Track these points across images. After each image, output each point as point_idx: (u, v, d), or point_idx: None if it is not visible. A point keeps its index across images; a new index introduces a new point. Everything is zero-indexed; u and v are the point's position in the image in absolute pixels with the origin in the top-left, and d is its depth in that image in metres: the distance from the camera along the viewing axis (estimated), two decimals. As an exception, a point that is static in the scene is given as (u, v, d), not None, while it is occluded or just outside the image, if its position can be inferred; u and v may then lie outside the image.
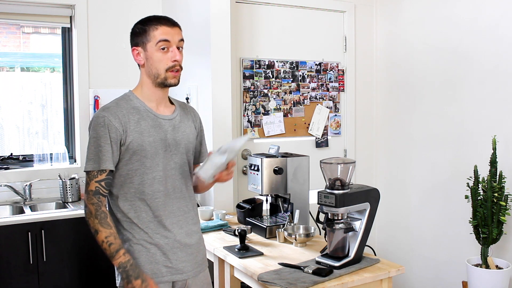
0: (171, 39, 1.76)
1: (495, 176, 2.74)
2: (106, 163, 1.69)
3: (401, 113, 3.71)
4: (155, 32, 1.75)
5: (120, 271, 1.69)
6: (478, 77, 3.09)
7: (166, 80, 1.78)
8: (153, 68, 1.77)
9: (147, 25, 1.77)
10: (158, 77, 1.78)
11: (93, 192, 1.69)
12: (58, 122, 3.67)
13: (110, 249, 1.67)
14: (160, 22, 1.77)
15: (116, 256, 1.67)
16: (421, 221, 3.55)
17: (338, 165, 2.08)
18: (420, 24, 3.52)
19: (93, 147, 1.70)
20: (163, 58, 1.76)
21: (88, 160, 1.71)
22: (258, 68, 3.46)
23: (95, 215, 1.69)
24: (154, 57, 1.76)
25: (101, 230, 1.68)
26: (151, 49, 1.76)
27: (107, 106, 1.76)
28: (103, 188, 1.70)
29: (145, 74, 1.80)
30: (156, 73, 1.77)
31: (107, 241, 1.67)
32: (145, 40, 1.76)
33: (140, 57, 1.79)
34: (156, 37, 1.75)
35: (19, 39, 3.72)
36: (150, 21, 1.78)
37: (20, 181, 3.33)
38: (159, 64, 1.76)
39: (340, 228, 2.06)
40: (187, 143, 1.87)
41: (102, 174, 1.70)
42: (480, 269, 2.76)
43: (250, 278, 2.11)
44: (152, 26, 1.76)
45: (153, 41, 1.75)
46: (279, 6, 3.54)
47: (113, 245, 1.68)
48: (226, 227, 2.72)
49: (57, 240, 2.91)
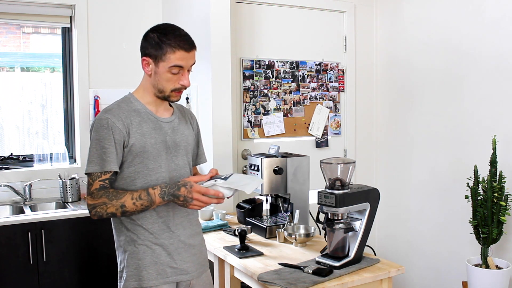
0: (185, 64, 1.74)
1: (495, 176, 2.74)
2: (111, 165, 1.68)
3: (401, 113, 3.71)
4: (172, 56, 1.71)
5: (167, 199, 1.69)
6: (478, 77, 3.09)
7: (169, 98, 1.79)
8: (159, 84, 1.76)
9: (164, 43, 1.71)
10: (161, 93, 1.78)
11: (98, 189, 1.67)
12: (58, 122, 3.67)
13: (144, 201, 1.67)
14: (179, 46, 1.71)
15: (153, 198, 1.67)
16: (421, 221, 3.55)
17: (338, 165, 2.08)
18: (420, 24, 3.52)
19: (95, 149, 1.69)
20: (172, 79, 1.75)
21: (90, 162, 1.69)
22: (258, 68, 3.46)
23: (109, 201, 1.66)
24: (163, 76, 1.74)
25: (123, 200, 1.66)
26: (162, 68, 1.73)
27: (109, 108, 1.76)
28: (107, 184, 1.69)
29: (149, 83, 1.79)
30: (162, 89, 1.77)
31: (135, 199, 1.66)
32: (159, 58, 1.72)
33: (148, 68, 1.76)
34: (171, 61, 1.72)
35: (19, 39, 3.72)
36: (169, 39, 1.71)
37: (20, 181, 3.33)
38: (167, 84, 1.75)
39: (340, 228, 2.06)
40: (186, 145, 1.88)
41: (106, 174, 1.69)
42: (480, 269, 2.76)
43: (250, 278, 2.11)
44: (170, 47, 1.71)
45: (167, 62, 1.72)
46: (279, 6, 3.54)
47: (141, 194, 1.67)
48: (226, 227, 2.72)
49: (57, 240, 2.91)
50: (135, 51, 3.59)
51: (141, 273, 1.74)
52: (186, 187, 1.68)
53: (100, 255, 3.03)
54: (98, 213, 1.67)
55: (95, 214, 1.68)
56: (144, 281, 1.74)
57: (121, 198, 1.66)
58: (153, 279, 1.75)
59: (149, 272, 1.74)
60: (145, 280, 1.74)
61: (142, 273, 1.74)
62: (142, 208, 1.68)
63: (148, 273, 1.74)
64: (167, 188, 1.69)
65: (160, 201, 1.69)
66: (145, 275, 1.74)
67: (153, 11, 3.71)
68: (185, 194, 1.67)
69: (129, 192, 1.68)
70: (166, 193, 1.68)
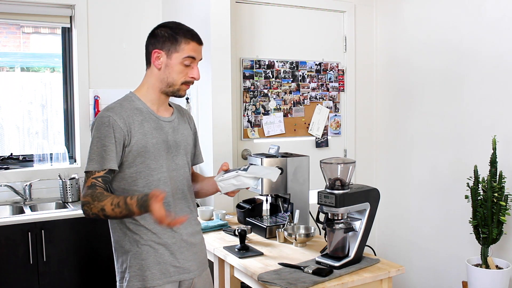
0: (197, 57, 1.79)
1: (495, 176, 2.74)
2: (110, 163, 1.67)
3: (401, 113, 3.71)
4: (187, 46, 1.75)
5: (143, 210, 1.56)
6: (478, 77, 3.09)
7: (178, 91, 1.80)
8: (170, 77, 1.77)
9: (179, 34, 1.75)
10: (171, 86, 1.78)
11: (89, 186, 1.65)
12: (58, 122, 3.67)
13: (122, 209, 1.57)
14: (193, 38, 1.77)
15: (132, 208, 1.56)
16: (421, 221, 3.55)
17: (338, 165, 2.08)
18: (420, 24, 3.52)
19: (96, 147, 1.68)
20: (183, 72, 1.77)
21: (90, 160, 1.68)
22: (258, 68, 3.46)
23: (92, 202, 1.60)
24: (176, 68, 1.76)
25: (104, 203, 1.59)
26: (176, 60, 1.75)
27: (111, 107, 1.75)
28: (99, 182, 1.66)
29: (157, 78, 1.79)
30: (172, 82, 1.77)
31: (114, 206, 1.58)
32: (173, 49, 1.75)
33: (159, 61, 1.77)
34: (186, 52, 1.75)
35: (19, 39, 3.72)
36: (182, 31, 1.77)
37: (20, 181, 3.33)
38: (178, 76, 1.77)
39: (340, 228, 2.06)
40: (186, 145, 1.89)
41: (101, 172, 1.67)
42: (480, 269, 2.76)
43: (250, 278, 2.11)
44: (184, 38, 1.75)
45: (181, 53, 1.75)
46: (279, 6, 3.54)
47: (120, 202, 1.58)
48: (226, 227, 2.72)
49: (57, 240, 2.91)
50: (135, 51, 3.63)
51: (144, 273, 1.74)
52: (154, 198, 1.53)
53: (100, 255, 3.03)
54: (85, 211, 1.63)
55: (84, 211, 1.64)
56: (148, 281, 1.74)
57: (102, 201, 1.60)
58: (157, 279, 1.75)
59: (152, 272, 1.74)
60: (149, 280, 1.74)
61: (145, 273, 1.74)
62: (122, 216, 1.61)
63: (151, 273, 1.74)
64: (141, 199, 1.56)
65: (138, 212, 1.59)
66: (148, 275, 1.74)
67: (153, 11, 3.71)
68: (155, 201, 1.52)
69: (110, 197, 1.61)
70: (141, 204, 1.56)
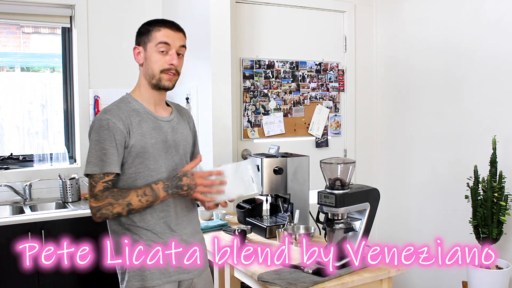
0: (171, 42, 1.77)
1: (495, 176, 2.74)
2: (112, 166, 1.68)
3: (401, 113, 3.71)
4: (157, 34, 1.76)
5: (171, 192, 1.72)
6: (478, 77, 3.09)
7: (160, 81, 1.78)
8: (150, 68, 1.78)
9: (151, 25, 1.79)
10: (153, 78, 1.78)
11: (102, 190, 1.67)
12: (58, 122, 3.67)
13: (149, 196, 1.69)
14: (164, 25, 1.78)
15: (158, 193, 1.70)
16: (421, 221, 3.54)
17: (338, 165, 2.08)
18: (420, 24, 3.52)
19: (95, 150, 1.68)
20: (159, 60, 1.76)
21: (89, 163, 1.68)
22: (258, 68, 3.46)
23: (116, 201, 1.66)
24: (152, 57, 1.77)
25: (129, 198, 1.67)
26: (150, 49, 1.77)
27: (109, 109, 1.75)
28: (110, 186, 1.69)
29: (143, 74, 1.81)
30: (152, 73, 1.78)
31: (141, 196, 1.68)
32: (147, 40, 1.78)
33: (139, 57, 1.81)
34: (157, 39, 1.76)
35: (19, 39, 3.72)
36: (156, 22, 1.80)
37: (20, 181, 3.33)
38: (155, 65, 1.77)
39: (340, 228, 2.06)
40: (185, 144, 1.88)
41: (109, 176, 1.68)
42: (480, 269, 2.76)
43: (250, 278, 2.11)
44: (155, 27, 1.77)
45: (153, 41, 1.76)
46: (279, 6, 3.54)
47: (145, 190, 1.69)
48: (226, 227, 2.72)
49: (57, 240, 2.91)
50: (135, 51, 3.63)
51: (144, 273, 1.74)
52: (187, 176, 1.72)
53: (100, 255, 3.02)
54: (103, 214, 1.67)
55: (100, 216, 1.67)
56: (147, 281, 1.74)
57: (126, 196, 1.67)
58: (156, 279, 1.75)
59: (152, 272, 1.74)
60: (148, 280, 1.74)
61: (145, 273, 1.74)
62: (147, 204, 1.70)
63: (151, 272, 1.74)
64: (169, 181, 1.72)
65: (164, 195, 1.71)
66: (148, 275, 1.74)
67: (153, 11, 3.71)
68: (188, 182, 1.71)
69: (133, 190, 1.69)
70: (169, 186, 1.71)
